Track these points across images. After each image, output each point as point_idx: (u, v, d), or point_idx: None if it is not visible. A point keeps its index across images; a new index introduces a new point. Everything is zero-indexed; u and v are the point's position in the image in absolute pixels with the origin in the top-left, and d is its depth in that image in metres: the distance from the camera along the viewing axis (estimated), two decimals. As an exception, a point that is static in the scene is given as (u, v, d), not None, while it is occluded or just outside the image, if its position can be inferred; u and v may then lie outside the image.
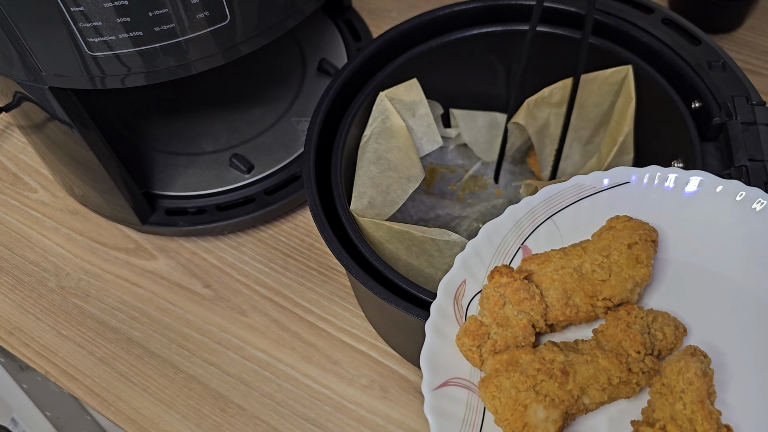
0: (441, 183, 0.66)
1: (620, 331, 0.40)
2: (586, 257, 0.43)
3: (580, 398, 0.39)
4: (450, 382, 0.41)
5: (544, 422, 0.38)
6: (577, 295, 0.42)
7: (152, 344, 0.62)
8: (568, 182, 0.47)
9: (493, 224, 0.46)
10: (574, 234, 0.46)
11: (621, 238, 0.43)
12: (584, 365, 0.40)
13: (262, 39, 0.52)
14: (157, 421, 0.58)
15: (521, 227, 0.46)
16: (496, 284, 0.42)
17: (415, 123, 0.60)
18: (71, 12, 0.44)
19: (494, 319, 0.41)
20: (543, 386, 0.39)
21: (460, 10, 0.59)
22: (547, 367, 0.39)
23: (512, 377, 0.39)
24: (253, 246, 0.67)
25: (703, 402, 0.37)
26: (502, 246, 0.46)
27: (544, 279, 0.43)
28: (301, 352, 0.61)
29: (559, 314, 0.42)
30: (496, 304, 0.42)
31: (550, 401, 0.38)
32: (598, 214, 0.46)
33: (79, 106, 0.54)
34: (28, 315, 0.65)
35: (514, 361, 0.40)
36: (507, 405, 0.38)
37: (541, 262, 0.44)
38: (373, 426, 0.56)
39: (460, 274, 0.45)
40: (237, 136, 0.69)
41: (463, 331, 0.42)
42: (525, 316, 0.41)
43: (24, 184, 0.74)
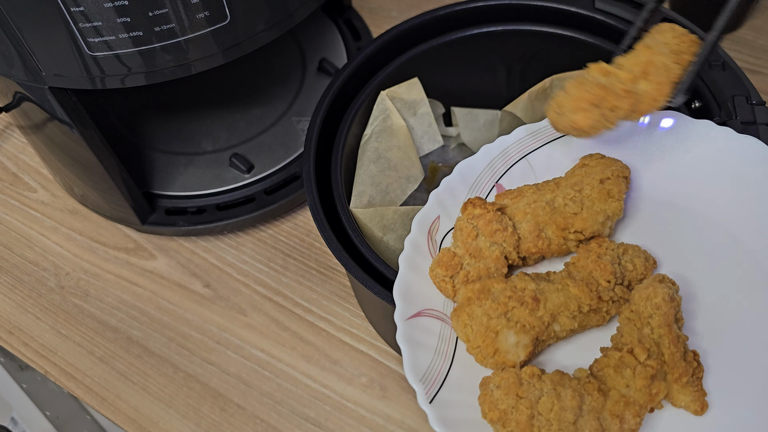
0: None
1: (591, 262, 0.41)
2: (558, 192, 0.44)
3: (550, 325, 0.40)
4: (423, 313, 0.42)
5: (515, 347, 0.39)
6: (549, 228, 0.43)
7: (152, 343, 0.62)
8: (541, 123, 0.48)
9: (467, 163, 0.47)
10: (548, 173, 0.47)
11: (593, 174, 0.44)
12: (555, 293, 0.40)
13: (262, 39, 0.52)
14: (156, 420, 0.58)
15: (495, 166, 0.47)
16: (469, 216, 0.42)
17: (416, 122, 0.61)
18: (71, 12, 0.44)
19: (467, 250, 0.42)
20: (514, 313, 0.39)
21: (461, 10, 0.59)
22: (518, 295, 0.40)
23: (484, 305, 0.39)
24: (253, 246, 0.67)
25: (670, 326, 0.38)
26: (476, 184, 0.47)
27: (516, 212, 0.43)
28: (301, 351, 0.61)
29: (531, 246, 0.42)
30: (469, 236, 0.42)
31: (520, 327, 0.39)
32: (572, 153, 0.47)
33: (79, 106, 0.54)
34: (28, 314, 0.65)
35: (486, 289, 0.40)
36: (478, 332, 0.39)
37: (514, 197, 0.44)
38: (373, 425, 0.56)
39: (434, 210, 0.45)
40: (237, 136, 0.69)
41: (437, 262, 0.42)
42: (497, 248, 0.42)
43: (24, 184, 0.74)
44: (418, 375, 0.39)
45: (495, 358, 0.39)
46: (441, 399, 0.39)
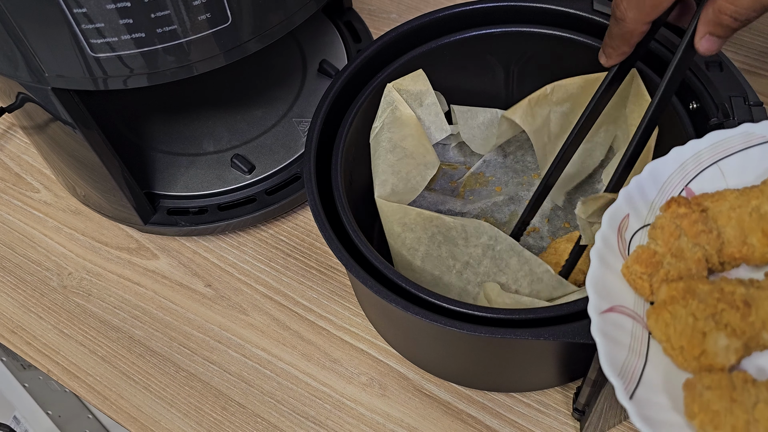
0: (443, 180, 0.66)
1: None
2: (764, 198, 0.42)
3: (761, 332, 0.37)
4: (615, 309, 0.40)
5: (725, 350, 0.37)
6: (754, 235, 0.41)
7: (154, 343, 0.62)
8: (736, 129, 0.46)
9: (658, 163, 0.45)
10: (740, 181, 0.45)
11: None
12: (766, 300, 0.38)
13: (263, 40, 0.52)
14: (158, 419, 0.58)
15: (686, 169, 0.45)
16: (673, 214, 0.41)
17: (422, 112, 0.61)
18: (74, 14, 0.45)
19: (668, 249, 0.40)
20: (723, 315, 0.37)
21: (460, 12, 0.59)
22: (728, 298, 0.38)
23: (689, 305, 0.38)
24: (254, 245, 0.68)
25: None
26: (667, 185, 0.45)
27: (719, 216, 0.41)
28: (301, 350, 0.61)
29: (735, 251, 0.41)
30: (671, 235, 0.40)
31: (731, 330, 0.37)
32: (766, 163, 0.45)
33: (81, 106, 0.54)
34: (31, 314, 0.65)
35: (692, 289, 0.38)
36: (683, 332, 0.37)
37: (715, 200, 0.42)
38: (373, 424, 0.57)
39: (623, 207, 0.44)
40: (238, 137, 0.70)
41: (635, 258, 0.40)
42: (700, 250, 0.40)
43: (26, 185, 0.74)
44: (615, 369, 0.37)
45: (701, 360, 0.37)
46: (639, 397, 0.37)
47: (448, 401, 0.57)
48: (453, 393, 0.57)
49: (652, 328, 0.39)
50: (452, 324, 0.44)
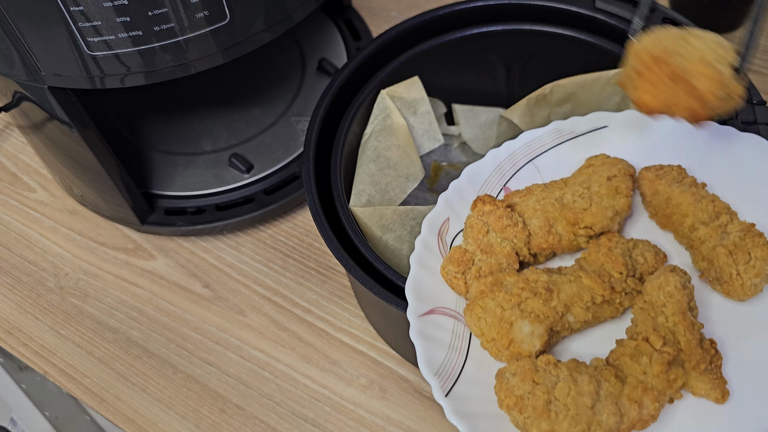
0: (445, 180, 0.66)
1: (602, 255, 0.41)
2: (567, 189, 0.44)
3: (564, 315, 0.40)
4: (435, 310, 0.42)
5: (530, 336, 0.39)
6: (559, 224, 0.43)
7: (151, 344, 0.62)
8: (547, 127, 0.49)
9: (475, 167, 0.48)
10: (556, 176, 0.47)
11: (600, 172, 0.45)
12: (568, 284, 0.40)
13: (261, 38, 0.52)
14: (155, 421, 0.58)
15: (503, 170, 0.48)
16: (480, 212, 0.43)
17: (416, 121, 0.60)
18: (71, 12, 0.44)
19: (478, 246, 0.42)
20: (528, 303, 0.39)
21: (460, 10, 0.59)
22: (531, 286, 0.40)
23: (497, 297, 0.40)
24: (252, 246, 0.67)
25: (684, 313, 0.38)
26: (485, 187, 0.48)
27: (526, 209, 0.44)
28: (300, 352, 0.61)
29: (542, 242, 0.43)
30: (479, 232, 0.42)
31: (534, 317, 0.39)
32: (578, 156, 0.48)
33: (78, 105, 0.54)
34: (27, 315, 0.65)
35: (499, 282, 0.40)
36: (492, 324, 0.39)
37: (523, 195, 0.45)
38: (372, 426, 0.56)
39: (443, 212, 0.46)
40: (236, 136, 0.69)
41: (448, 259, 0.42)
42: (509, 244, 0.42)
43: (23, 184, 0.74)
44: (432, 369, 0.39)
45: (510, 349, 0.39)
46: (456, 393, 0.39)
47: (449, 403, 0.57)
48: (453, 395, 0.57)
49: (468, 324, 0.40)
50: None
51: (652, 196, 0.45)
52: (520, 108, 0.59)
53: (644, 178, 0.46)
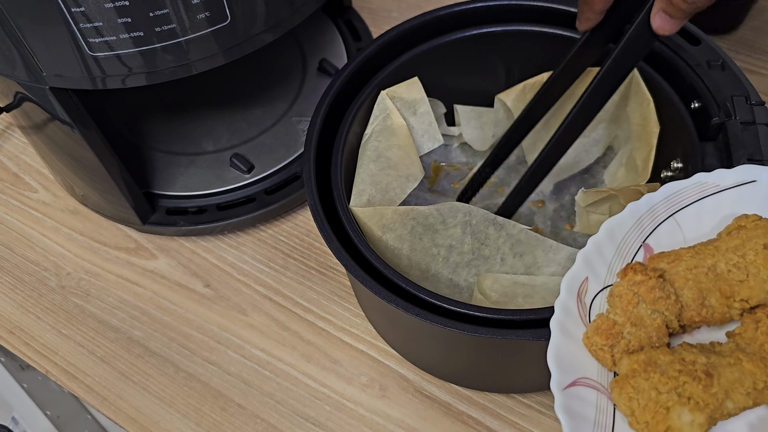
0: (445, 180, 0.66)
1: (761, 334, 0.39)
2: (719, 257, 0.41)
3: (724, 402, 0.37)
4: (578, 382, 0.40)
5: (690, 426, 0.36)
6: (712, 296, 0.41)
7: (153, 343, 0.62)
8: (690, 180, 0.46)
9: (614, 220, 0.45)
10: (697, 233, 0.45)
11: (755, 237, 0.42)
12: (728, 368, 0.38)
13: (262, 39, 0.52)
14: (157, 419, 0.58)
15: (642, 225, 0.45)
16: (630, 282, 0.40)
17: (416, 121, 0.61)
18: (72, 13, 0.44)
19: (627, 318, 0.40)
20: (686, 388, 0.37)
21: (461, 10, 0.59)
22: (689, 369, 0.37)
23: (651, 378, 0.37)
24: (254, 245, 0.67)
25: None
26: (624, 243, 0.45)
27: (677, 278, 0.41)
28: (301, 351, 0.61)
29: (695, 315, 0.40)
30: (630, 303, 0.40)
31: (695, 404, 0.36)
32: (723, 212, 0.45)
33: (79, 106, 0.54)
34: (29, 314, 0.65)
35: (653, 361, 0.38)
36: (646, 407, 0.37)
37: (671, 261, 0.42)
38: (372, 425, 0.57)
39: (582, 271, 0.43)
40: (237, 136, 0.70)
41: (594, 329, 0.40)
42: (659, 316, 0.40)
43: (25, 184, 0.74)
44: None
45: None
46: None
47: (449, 402, 0.57)
48: (453, 394, 0.57)
49: (616, 401, 0.38)
50: (453, 325, 0.44)
51: None
52: (515, 92, 0.59)
53: None
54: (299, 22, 0.54)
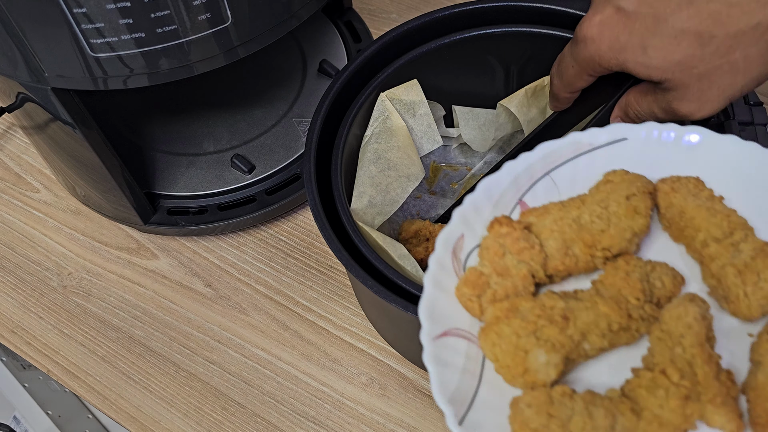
0: (443, 181, 0.66)
1: (619, 279, 0.40)
2: (584, 208, 0.43)
3: (580, 343, 0.39)
4: (449, 332, 0.41)
5: (545, 366, 0.38)
6: (576, 245, 0.42)
7: (153, 343, 0.62)
8: (565, 139, 0.47)
9: (491, 180, 0.46)
10: (573, 190, 0.46)
11: (619, 190, 0.43)
12: (584, 311, 0.39)
13: (263, 40, 0.52)
14: (158, 419, 0.58)
15: (519, 183, 0.46)
16: (496, 234, 0.42)
17: (415, 123, 0.61)
18: (74, 14, 0.45)
19: (494, 269, 0.41)
20: (543, 331, 0.38)
21: (460, 12, 0.59)
22: (548, 313, 0.39)
23: (512, 324, 0.39)
24: (254, 245, 0.68)
25: (702, 345, 0.37)
26: (500, 201, 0.46)
27: (543, 230, 0.43)
28: (301, 350, 0.61)
29: (559, 264, 0.42)
30: (496, 254, 0.41)
31: (551, 346, 0.38)
32: (596, 169, 0.46)
33: (81, 106, 0.54)
34: (30, 314, 0.65)
35: (515, 308, 0.39)
36: (507, 351, 0.38)
37: (539, 214, 0.44)
38: (372, 424, 0.57)
39: (458, 228, 0.44)
40: (238, 137, 0.70)
41: (463, 281, 0.41)
42: (525, 266, 0.41)
43: (26, 185, 0.75)
44: (446, 395, 0.38)
45: (525, 377, 0.38)
46: (470, 420, 0.38)
47: (448, 401, 0.57)
48: (453, 393, 0.57)
49: (482, 347, 0.39)
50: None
51: (666, 208, 0.44)
52: (517, 98, 0.60)
53: (660, 190, 0.44)
54: (300, 24, 0.54)
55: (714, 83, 0.45)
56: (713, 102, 0.46)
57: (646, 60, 0.46)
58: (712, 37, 0.43)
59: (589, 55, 0.48)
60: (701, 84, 0.45)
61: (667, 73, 0.46)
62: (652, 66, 0.46)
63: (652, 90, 0.49)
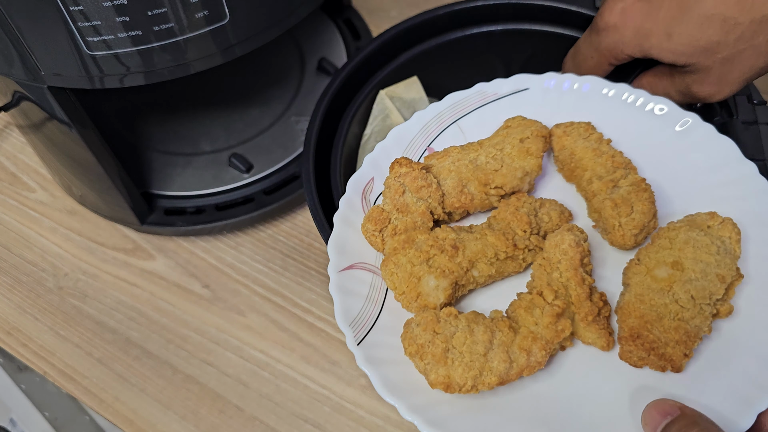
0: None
1: (509, 214, 0.44)
2: (481, 151, 0.47)
3: (469, 271, 0.42)
4: (356, 266, 0.45)
5: (435, 290, 0.42)
6: (471, 184, 0.46)
7: (150, 345, 0.62)
8: (472, 89, 0.52)
9: (402, 127, 0.50)
10: (478, 137, 0.50)
11: (514, 134, 0.47)
12: (473, 241, 0.43)
13: (261, 38, 0.52)
14: (154, 422, 0.58)
15: (428, 130, 0.51)
16: (396, 174, 0.45)
17: None
18: (70, 11, 0.44)
19: (395, 206, 0.45)
20: (435, 260, 0.42)
21: (460, 10, 0.59)
22: (439, 244, 0.43)
23: (408, 254, 0.42)
24: (252, 246, 0.67)
25: (576, 269, 0.41)
26: (410, 147, 0.50)
27: (442, 170, 0.46)
28: (300, 352, 0.60)
29: (455, 201, 0.45)
30: (396, 192, 0.45)
31: (440, 272, 0.42)
32: (500, 117, 0.50)
33: (77, 105, 0.54)
34: (26, 315, 0.64)
35: (411, 239, 0.43)
36: (403, 278, 0.42)
37: (440, 157, 0.47)
38: (372, 426, 0.56)
39: (368, 171, 0.48)
40: (236, 136, 0.69)
41: (367, 217, 0.45)
42: (423, 203, 0.45)
43: (22, 184, 0.74)
44: (348, 320, 0.42)
45: (418, 301, 0.42)
46: (368, 341, 0.42)
47: (449, 403, 0.57)
48: (453, 395, 0.57)
49: (383, 277, 0.43)
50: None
51: (559, 151, 0.48)
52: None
53: (554, 134, 0.48)
54: (298, 21, 0.53)
55: (735, 67, 0.46)
56: (732, 84, 0.48)
57: (671, 46, 0.47)
58: (737, 23, 0.44)
59: (613, 42, 0.50)
60: (723, 68, 0.47)
61: (692, 58, 0.47)
62: (678, 52, 0.47)
63: (668, 73, 0.50)
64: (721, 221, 0.42)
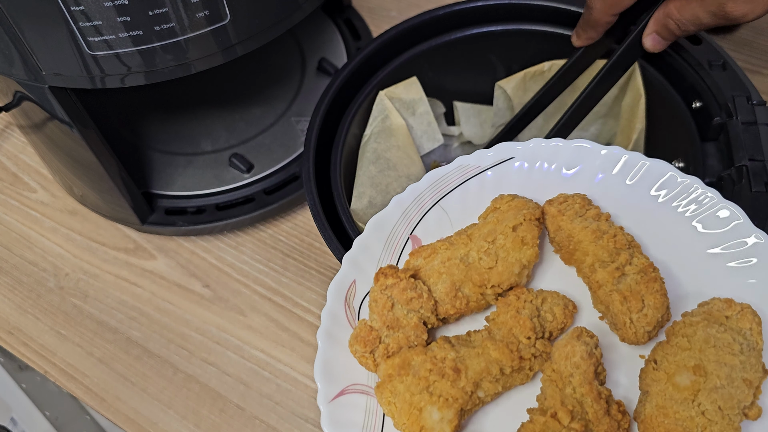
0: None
1: (510, 318, 0.40)
2: (471, 245, 0.42)
3: (474, 393, 0.39)
4: (347, 390, 0.41)
5: (440, 423, 0.38)
6: (465, 286, 0.42)
7: (151, 344, 0.62)
8: (452, 164, 0.46)
9: (380, 216, 0.45)
10: (464, 217, 0.45)
11: (505, 221, 0.43)
12: (475, 359, 0.39)
13: (261, 38, 0.52)
14: (155, 421, 0.58)
15: (409, 216, 0.45)
16: (382, 286, 0.41)
17: (415, 121, 0.60)
18: (71, 11, 0.44)
19: (384, 322, 0.41)
20: (436, 387, 0.38)
21: (460, 10, 0.59)
22: (439, 367, 0.39)
23: (405, 381, 0.39)
24: (253, 246, 0.67)
25: (591, 384, 0.37)
26: (391, 238, 0.45)
27: (431, 273, 0.42)
28: (300, 351, 0.60)
29: (450, 308, 0.41)
30: (384, 307, 0.41)
31: (443, 401, 0.38)
32: (486, 193, 0.46)
33: (78, 105, 0.54)
34: (27, 315, 0.65)
35: (406, 363, 0.39)
36: (402, 409, 0.38)
37: (427, 255, 0.43)
38: (373, 426, 0.56)
39: (349, 274, 0.43)
40: (236, 136, 0.69)
41: (354, 338, 0.41)
42: (415, 315, 0.41)
43: (23, 184, 0.74)
44: None
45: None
46: None
47: (449, 403, 0.57)
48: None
49: (380, 404, 0.40)
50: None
51: (555, 232, 0.44)
52: (515, 80, 0.59)
53: (547, 213, 0.44)
54: (299, 21, 0.53)
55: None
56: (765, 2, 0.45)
57: None
58: None
59: None
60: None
61: None
62: None
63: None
64: (740, 310, 0.39)
